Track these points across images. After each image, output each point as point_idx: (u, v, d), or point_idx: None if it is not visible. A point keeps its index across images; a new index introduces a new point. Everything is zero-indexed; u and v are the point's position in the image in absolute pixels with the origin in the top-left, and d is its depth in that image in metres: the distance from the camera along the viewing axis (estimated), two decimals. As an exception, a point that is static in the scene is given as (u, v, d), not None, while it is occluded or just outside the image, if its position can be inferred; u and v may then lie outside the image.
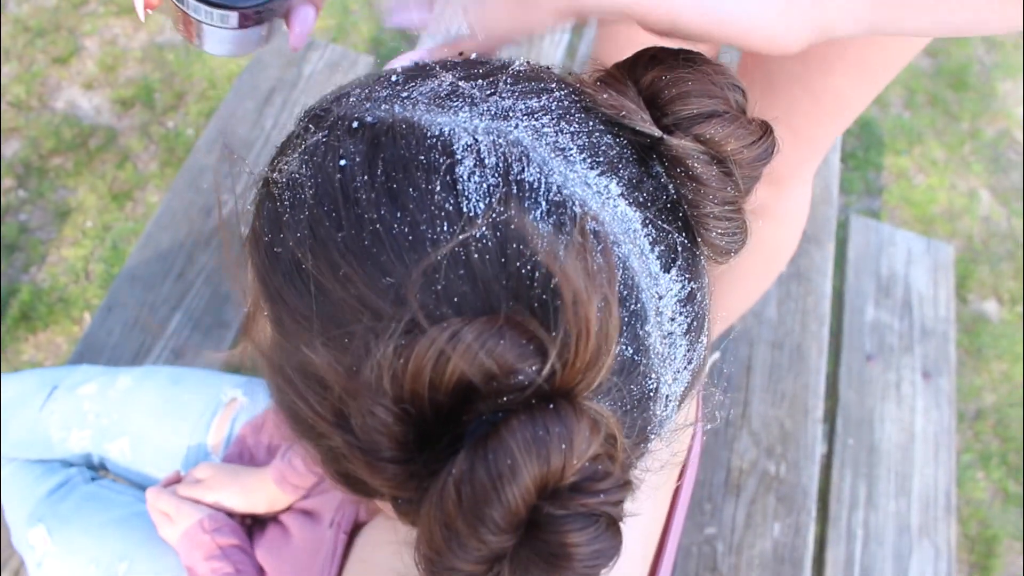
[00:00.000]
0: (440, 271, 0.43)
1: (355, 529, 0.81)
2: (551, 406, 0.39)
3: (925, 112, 2.66)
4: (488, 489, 0.38)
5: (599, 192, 0.48)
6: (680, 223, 0.51)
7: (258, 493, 0.99)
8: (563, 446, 0.38)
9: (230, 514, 0.99)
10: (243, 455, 1.08)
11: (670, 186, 0.51)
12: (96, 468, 1.18)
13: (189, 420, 1.12)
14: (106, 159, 2.19)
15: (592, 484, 0.40)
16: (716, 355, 1.37)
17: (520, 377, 0.40)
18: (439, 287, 0.43)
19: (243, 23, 0.57)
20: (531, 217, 0.44)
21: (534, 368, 0.40)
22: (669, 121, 0.50)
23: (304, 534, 0.91)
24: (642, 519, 0.70)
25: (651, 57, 0.52)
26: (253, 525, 1.01)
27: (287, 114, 1.91)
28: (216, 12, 0.55)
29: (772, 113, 0.53)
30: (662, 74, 0.50)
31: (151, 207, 2.11)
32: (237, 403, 1.12)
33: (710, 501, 1.53)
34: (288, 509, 0.99)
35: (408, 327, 0.42)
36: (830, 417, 1.76)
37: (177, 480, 1.04)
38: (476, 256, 0.43)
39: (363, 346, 0.43)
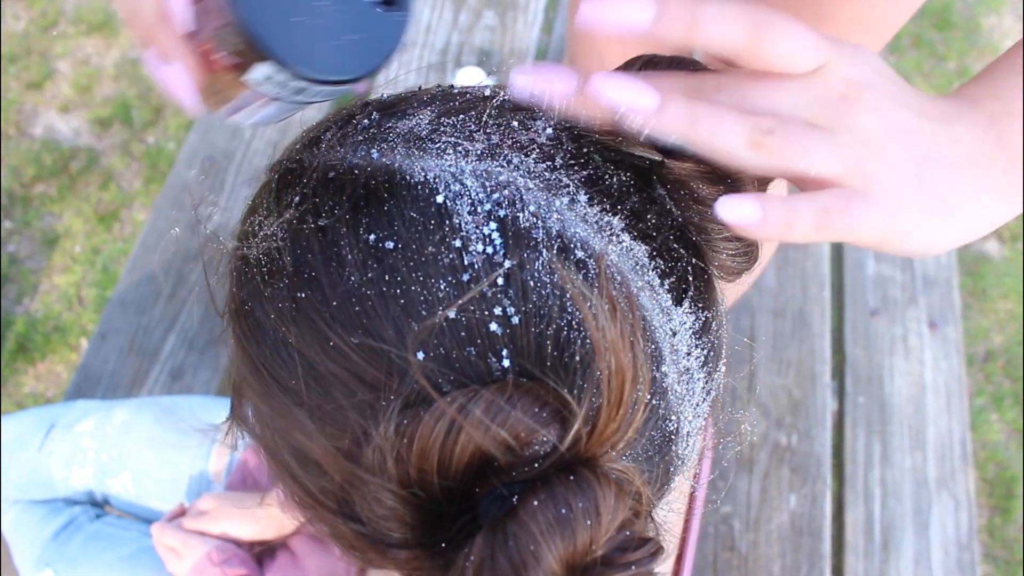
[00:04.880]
0: (439, 335, 0.39)
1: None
2: (572, 477, 0.36)
3: (911, 55, 2.62)
4: None
5: (601, 229, 0.44)
6: (689, 248, 0.48)
7: (264, 520, 0.97)
8: (588, 521, 0.35)
9: (238, 543, 0.98)
10: (246, 480, 1.07)
11: (675, 210, 0.48)
12: (100, 505, 1.17)
13: (189, 449, 1.10)
14: (89, 181, 2.17)
15: (622, 556, 0.37)
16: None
17: (536, 447, 0.37)
18: (439, 352, 0.39)
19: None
20: (534, 267, 0.40)
21: (552, 436, 0.37)
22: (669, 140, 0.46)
23: (314, 561, 0.90)
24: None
25: (643, 65, 0.47)
26: (263, 552, 1.00)
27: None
28: (324, 89, 0.50)
29: None
30: None
31: (138, 225, 2.09)
32: (236, 428, 1.11)
33: (723, 479, 1.52)
34: (296, 533, 0.98)
35: (409, 401, 0.38)
36: (839, 376, 1.75)
37: (181, 513, 1.03)
38: (476, 316, 0.39)
39: (361, 425, 0.40)
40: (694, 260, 0.47)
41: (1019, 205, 0.45)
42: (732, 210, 0.41)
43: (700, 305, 0.47)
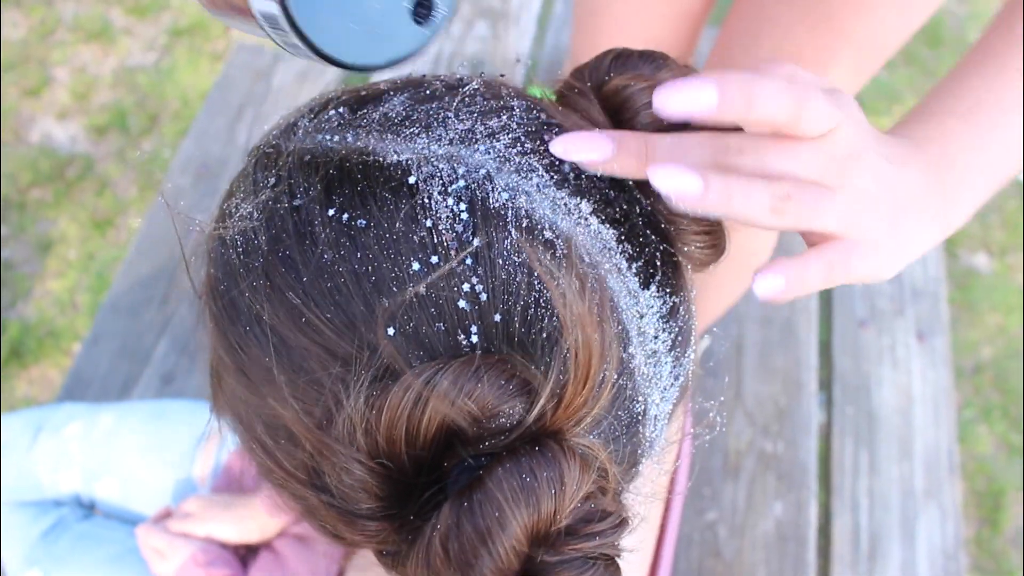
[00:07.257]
0: (409, 311, 0.40)
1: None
2: (537, 448, 0.37)
3: (902, 72, 2.64)
4: (476, 544, 0.36)
5: (570, 212, 0.45)
6: (658, 234, 0.49)
7: (249, 522, 0.98)
8: (552, 491, 0.36)
9: (223, 545, 0.99)
10: (231, 484, 1.07)
11: (642, 198, 0.49)
12: (87, 507, 1.17)
13: (175, 454, 1.11)
14: (85, 188, 2.18)
15: (586, 527, 0.38)
16: (707, 341, 1.35)
17: (503, 419, 0.38)
18: (409, 328, 0.40)
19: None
20: (503, 246, 0.41)
21: (519, 409, 0.38)
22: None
23: (297, 560, 0.91)
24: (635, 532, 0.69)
25: (614, 59, 0.49)
26: (247, 554, 1.01)
27: (259, 128, 1.90)
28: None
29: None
30: (628, 81, 0.48)
31: (133, 232, 2.10)
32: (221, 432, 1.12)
33: (709, 485, 1.53)
34: (281, 534, 0.99)
35: (379, 374, 0.39)
36: (827, 387, 1.75)
37: (167, 515, 1.03)
38: (446, 292, 0.40)
39: (332, 398, 0.41)
40: (663, 246, 0.49)
41: (943, 236, 0.53)
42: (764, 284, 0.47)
43: (668, 290, 0.49)
